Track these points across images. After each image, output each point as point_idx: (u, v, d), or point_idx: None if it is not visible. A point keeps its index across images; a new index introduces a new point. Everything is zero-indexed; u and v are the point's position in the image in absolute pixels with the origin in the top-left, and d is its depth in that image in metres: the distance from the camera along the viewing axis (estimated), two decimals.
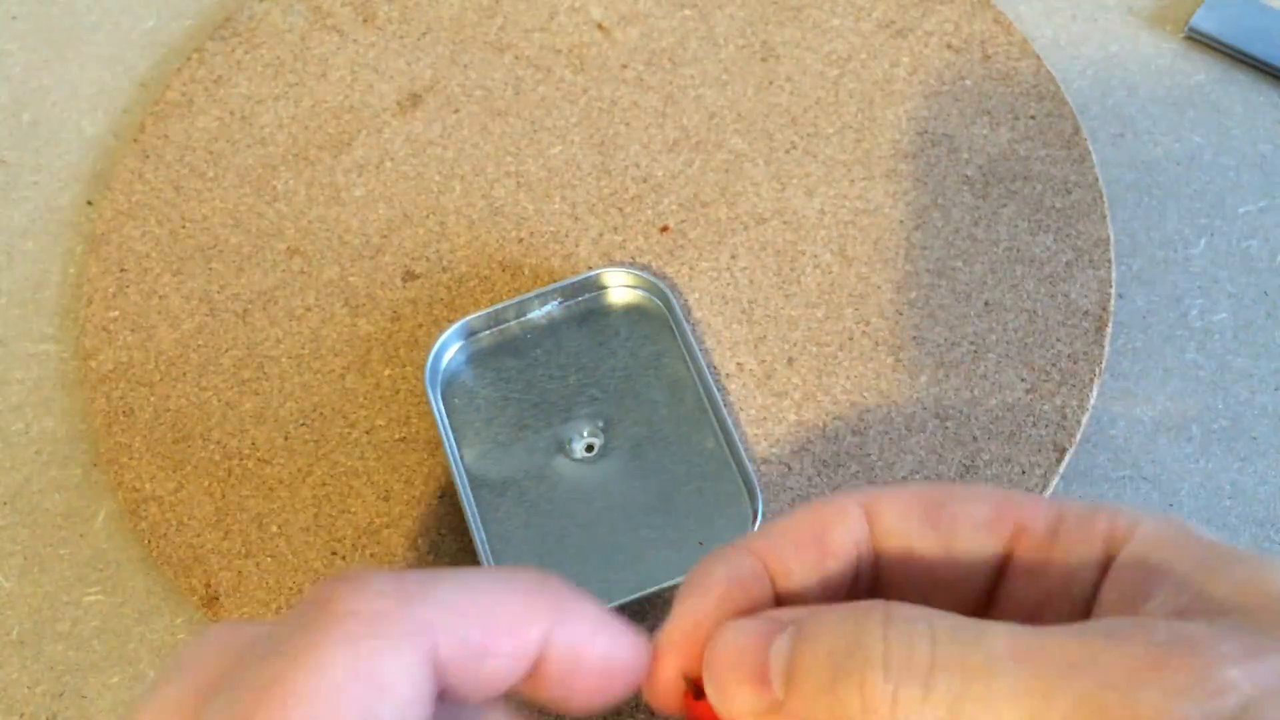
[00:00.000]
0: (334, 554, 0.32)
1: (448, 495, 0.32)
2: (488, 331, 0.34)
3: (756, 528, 0.30)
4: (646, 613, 0.30)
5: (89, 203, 0.39)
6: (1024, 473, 0.32)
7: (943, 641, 0.16)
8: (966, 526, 0.19)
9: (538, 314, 0.35)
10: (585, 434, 0.32)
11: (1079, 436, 0.33)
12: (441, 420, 0.32)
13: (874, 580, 0.19)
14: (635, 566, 0.30)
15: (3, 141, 0.40)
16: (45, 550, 0.33)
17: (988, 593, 0.19)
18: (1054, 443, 0.32)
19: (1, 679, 0.31)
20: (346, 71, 0.40)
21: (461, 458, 0.32)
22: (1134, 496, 0.33)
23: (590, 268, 0.36)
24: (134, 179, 0.38)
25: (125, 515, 0.33)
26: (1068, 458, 0.32)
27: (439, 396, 0.33)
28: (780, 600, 0.19)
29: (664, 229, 0.36)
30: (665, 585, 0.30)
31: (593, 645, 0.18)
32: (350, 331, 0.35)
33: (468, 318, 0.34)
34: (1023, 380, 0.33)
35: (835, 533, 0.19)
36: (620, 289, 0.35)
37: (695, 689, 0.18)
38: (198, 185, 0.38)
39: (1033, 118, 0.38)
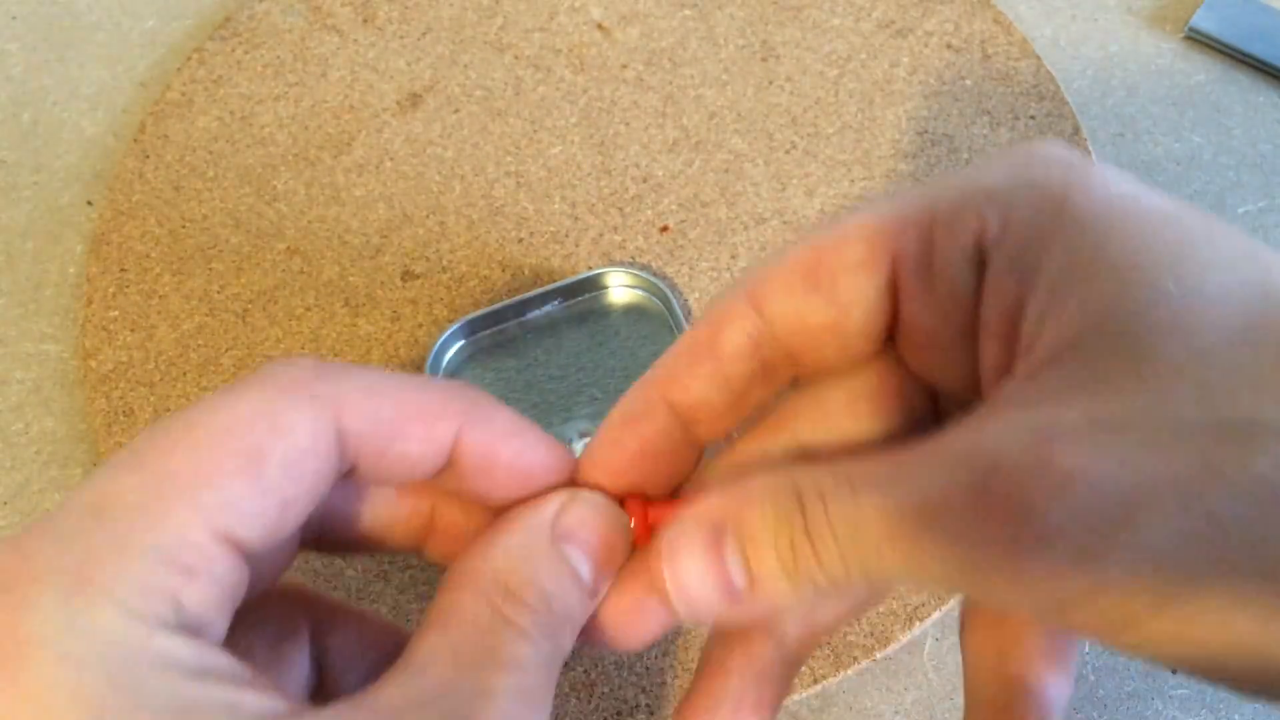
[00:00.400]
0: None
1: None
2: (488, 331, 0.34)
3: None
4: None
5: (89, 203, 0.39)
6: None
7: (831, 509, 0.17)
8: (845, 277, 0.18)
9: (538, 314, 0.35)
10: (585, 434, 0.32)
11: None
12: None
13: (786, 358, 0.19)
14: None
15: (3, 141, 0.40)
16: None
17: (890, 329, 0.19)
18: None
19: None
20: (346, 71, 0.40)
21: None
22: None
23: (590, 268, 0.36)
24: (134, 179, 0.38)
25: None
26: None
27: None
28: (690, 414, 0.20)
29: (664, 229, 0.36)
30: None
31: (506, 446, 0.19)
32: (350, 331, 0.35)
33: (468, 317, 0.34)
34: None
35: (726, 337, 0.19)
36: (620, 289, 0.35)
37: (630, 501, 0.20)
38: (198, 185, 0.38)
39: (1033, 118, 0.38)
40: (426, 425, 0.19)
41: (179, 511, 0.16)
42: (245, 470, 0.17)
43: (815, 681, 0.29)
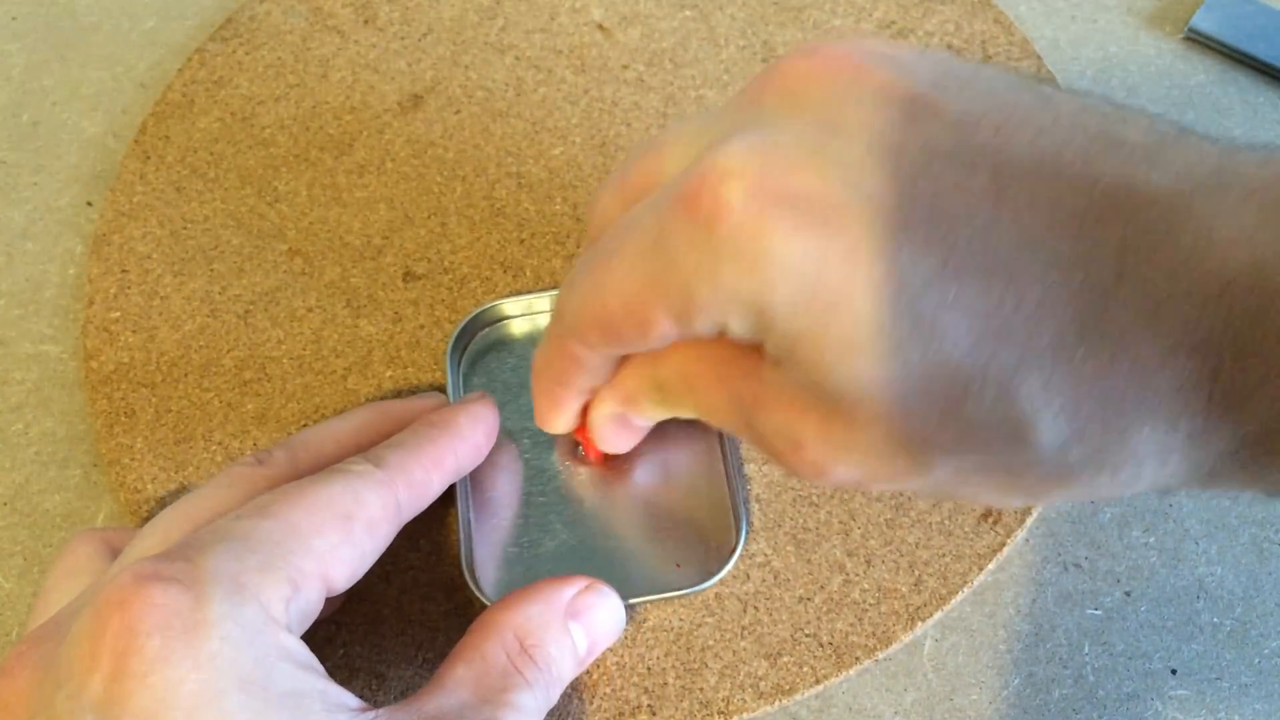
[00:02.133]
0: None
1: (449, 493, 0.32)
2: (489, 327, 0.34)
3: (736, 557, 0.30)
4: None
5: (89, 203, 0.39)
6: None
7: None
8: (633, 175, 0.24)
9: (538, 314, 0.35)
10: None
11: None
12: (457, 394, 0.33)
13: None
14: (607, 575, 0.30)
15: (3, 142, 0.40)
16: (45, 551, 0.33)
17: None
18: None
19: None
20: (347, 72, 0.40)
21: None
22: (1133, 497, 0.33)
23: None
24: (135, 180, 0.38)
25: (125, 516, 0.33)
26: None
27: (459, 373, 0.33)
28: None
29: None
30: (630, 601, 0.29)
31: (478, 449, 0.30)
32: (352, 333, 0.35)
33: (481, 309, 0.34)
34: None
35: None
36: None
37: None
38: (199, 186, 0.38)
39: None
40: (441, 468, 0.28)
41: (297, 550, 0.23)
42: (340, 530, 0.24)
43: (816, 682, 0.29)
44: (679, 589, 0.30)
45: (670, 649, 0.30)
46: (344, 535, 0.24)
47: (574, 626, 0.26)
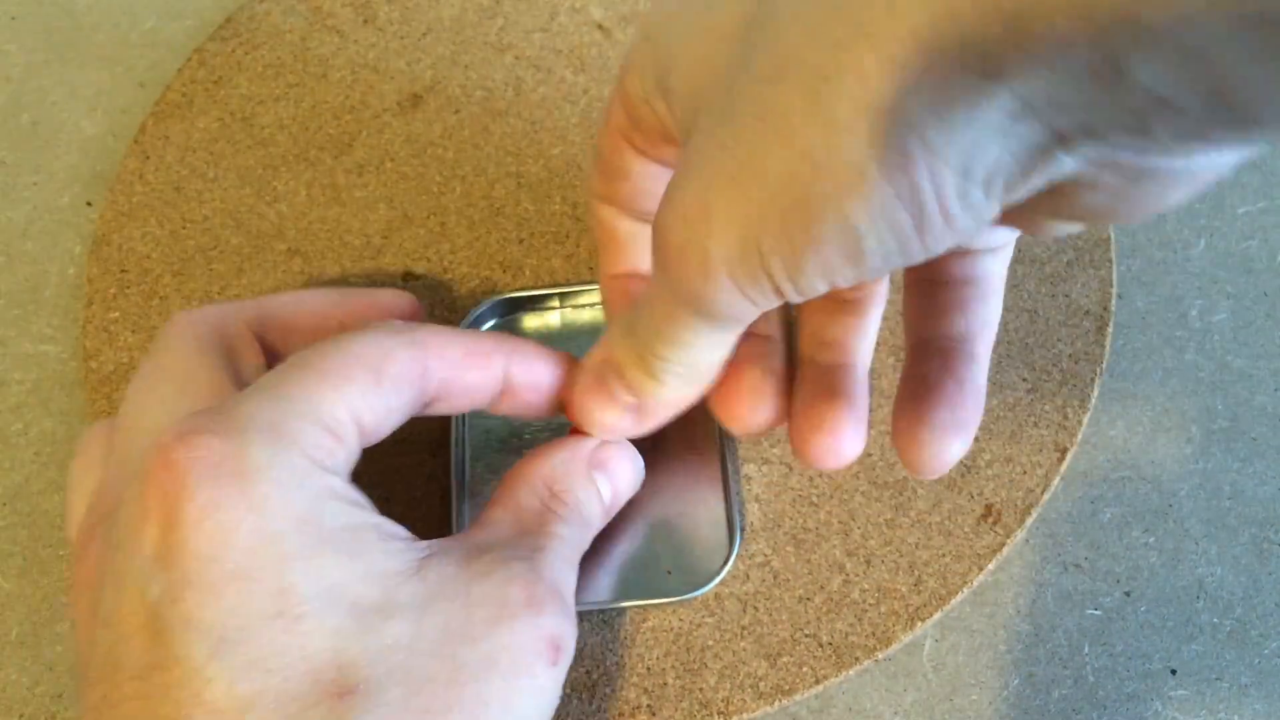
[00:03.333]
0: None
1: (445, 496, 0.32)
2: (520, 317, 0.34)
3: (729, 566, 0.30)
4: (583, 618, 0.30)
5: (88, 204, 0.39)
6: (1025, 472, 0.32)
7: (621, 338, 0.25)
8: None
9: (536, 314, 0.35)
10: None
11: (1080, 436, 0.33)
12: None
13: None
14: (598, 576, 0.30)
15: (2, 142, 0.40)
16: (45, 551, 0.33)
17: None
18: (1055, 442, 0.33)
19: (1, 679, 0.31)
20: (347, 72, 0.40)
21: (465, 434, 0.32)
22: (1133, 497, 0.33)
23: (591, 269, 0.36)
24: (134, 180, 0.38)
25: None
26: (1068, 458, 0.32)
27: None
28: None
29: None
30: (618, 605, 0.29)
31: (542, 375, 0.27)
32: None
33: (503, 298, 0.34)
34: (1024, 380, 0.34)
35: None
36: None
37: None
38: (198, 186, 0.38)
39: None
40: (484, 361, 0.26)
41: (330, 397, 0.23)
42: (369, 379, 0.24)
43: (816, 682, 0.29)
44: (667, 596, 0.30)
45: (670, 649, 0.30)
46: (376, 385, 0.24)
47: (598, 476, 0.27)
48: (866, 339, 0.27)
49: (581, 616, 0.30)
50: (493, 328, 0.35)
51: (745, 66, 0.19)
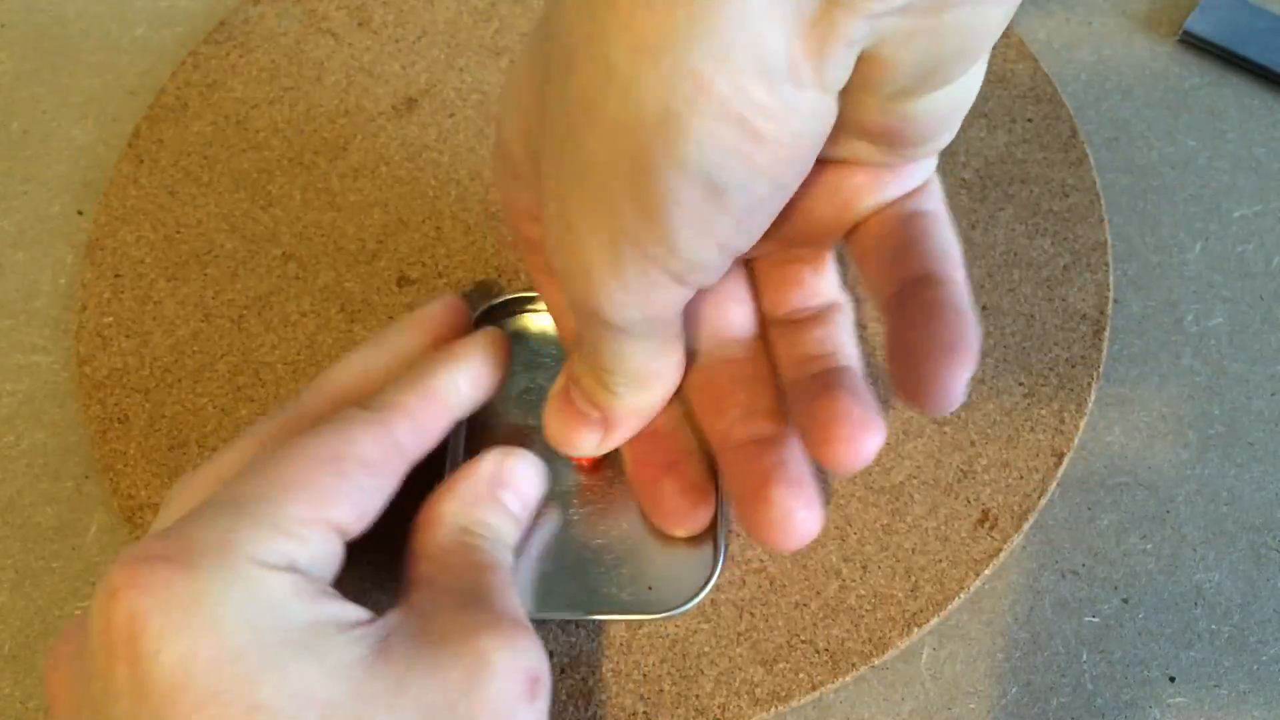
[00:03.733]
0: None
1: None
2: (513, 321, 0.34)
3: (711, 583, 0.30)
4: (566, 629, 0.30)
5: (79, 212, 0.39)
6: (1021, 477, 0.32)
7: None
8: None
9: (533, 316, 0.34)
10: None
11: (1076, 441, 0.33)
12: None
13: None
14: (579, 586, 0.29)
15: None
16: (37, 564, 0.33)
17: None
18: (1052, 447, 0.32)
19: None
20: (341, 75, 0.40)
21: (465, 429, 0.32)
22: (1130, 503, 0.33)
23: None
24: (128, 184, 0.38)
25: (119, 525, 0.33)
26: (1065, 463, 0.32)
27: None
28: None
29: None
30: (596, 617, 0.29)
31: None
32: (346, 337, 0.35)
33: (498, 303, 0.34)
34: (1020, 384, 0.33)
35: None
36: None
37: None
38: (192, 190, 0.38)
39: (1030, 120, 0.38)
40: (445, 411, 0.28)
41: (285, 498, 0.23)
42: (332, 471, 0.24)
43: (813, 688, 0.29)
44: (645, 613, 0.29)
45: (665, 655, 0.30)
46: (337, 477, 0.24)
47: (504, 494, 0.28)
48: (845, 344, 0.27)
49: (575, 625, 0.30)
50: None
51: (548, 81, 0.20)
